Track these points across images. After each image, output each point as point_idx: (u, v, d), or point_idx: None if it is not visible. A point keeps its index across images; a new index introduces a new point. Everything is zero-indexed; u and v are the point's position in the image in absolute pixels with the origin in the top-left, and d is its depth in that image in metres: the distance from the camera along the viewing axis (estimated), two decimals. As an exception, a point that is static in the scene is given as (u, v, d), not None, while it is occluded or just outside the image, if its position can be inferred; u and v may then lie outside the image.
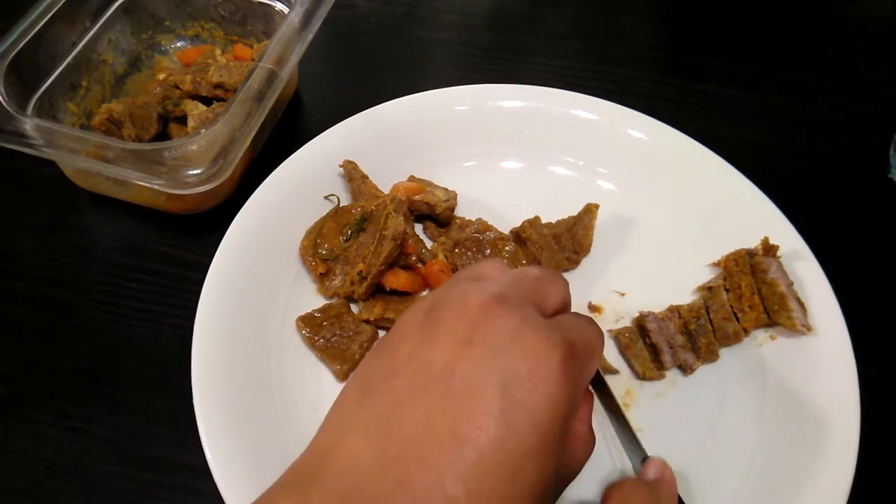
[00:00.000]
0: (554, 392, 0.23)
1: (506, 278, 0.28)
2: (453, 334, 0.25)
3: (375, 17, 0.60)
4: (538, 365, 0.23)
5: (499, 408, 0.23)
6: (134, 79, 0.52)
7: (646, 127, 0.47)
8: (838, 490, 0.33)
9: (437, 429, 0.23)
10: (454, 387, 0.23)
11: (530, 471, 0.23)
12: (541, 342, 0.24)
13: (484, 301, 0.25)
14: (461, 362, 0.24)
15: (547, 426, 0.23)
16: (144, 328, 0.42)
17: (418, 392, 0.24)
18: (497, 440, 0.22)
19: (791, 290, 0.39)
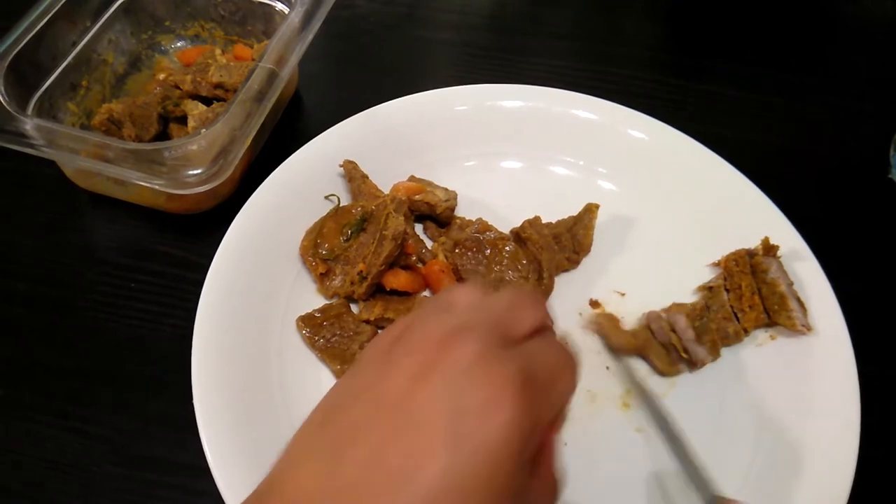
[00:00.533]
0: (507, 423, 0.23)
1: (474, 307, 0.28)
2: (408, 368, 0.24)
3: (375, 17, 0.60)
4: (491, 396, 0.23)
5: (449, 439, 0.22)
6: (134, 79, 0.52)
7: (646, 127, 0.47)
8: (838, 490, 0.33)
9: (386, 461, 0.22)
10: (405, 419, 0.23)
11: (482, 501, 0.22)
12: (495, 373, 0.23)
13: (444, 335, 0.25)
14: (415, 395, 0.23)
15: (499, 459, 0.22)
16: (144, 328, 0.42)
17: (370, 423, 0.24)
18: (447, 472, 0.22)
19: (791, 290, 0.39)
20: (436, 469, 0.22)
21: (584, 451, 0.36)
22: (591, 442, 0.37)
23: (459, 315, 0.26)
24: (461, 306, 0.28)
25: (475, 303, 0.28)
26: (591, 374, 0.39)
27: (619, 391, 0.39)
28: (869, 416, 0.36)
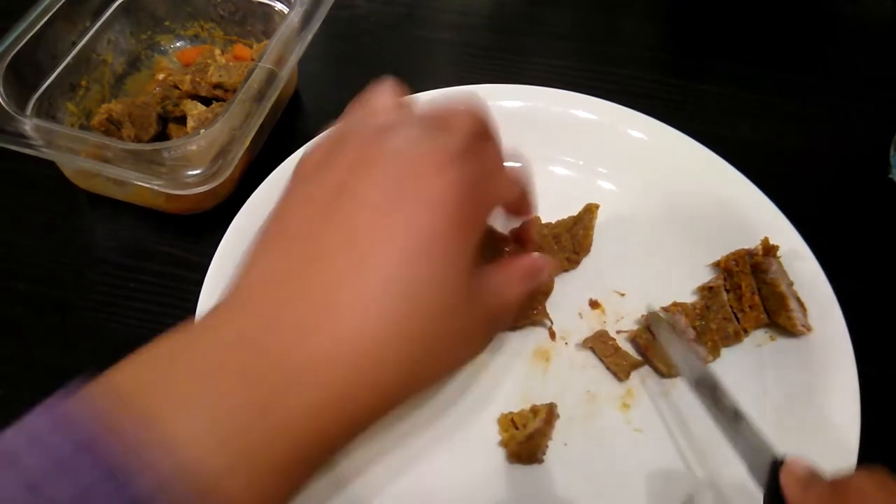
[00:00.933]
0: (442, 190, 0.24)
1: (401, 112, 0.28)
2: (347, 160, 0.25)
3: (375, 17, 0.60)
4: (425, 166, 0.24)
5: (388, 207, 0.24)
6: (133, 79, 0.52)
7: (646, 127, 0.47)
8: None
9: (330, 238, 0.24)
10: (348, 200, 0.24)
11: (425, 270, 0.23)
12: (428, 145, 0.25)
13: (378, 127, 0.26)
14: (353, 178, 0.25)
15: (438, 224, 0.24)
16: (144, 328, 0.42)
17: (315, 214, 0.25)
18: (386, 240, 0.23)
19: (791, 291, 0.39)
20: (376, 241, 0.23)
21: (583, 451, 0.36)
22: (591, 442, 0.37)
23: (388, 115, 0.27)
24: (387, 110, 0.28)
25: (398, 107, 0.29)
26: (590, 375, 0.39)
27: (619, 391, 0.39)
28: (869, 417, 0.35)
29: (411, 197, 0.24)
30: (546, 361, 0.39)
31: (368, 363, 0.23)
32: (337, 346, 0.22)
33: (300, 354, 0.22)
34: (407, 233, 0.23)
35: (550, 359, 0.39)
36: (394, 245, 0.23)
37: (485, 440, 0.37)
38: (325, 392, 0.22)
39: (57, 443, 0.20)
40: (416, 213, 0.24)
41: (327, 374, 0.22)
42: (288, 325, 0.23)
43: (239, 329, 0.23)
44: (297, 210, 0.26)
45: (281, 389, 0.22)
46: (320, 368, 0.22)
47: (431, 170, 0.24)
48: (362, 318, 0.23)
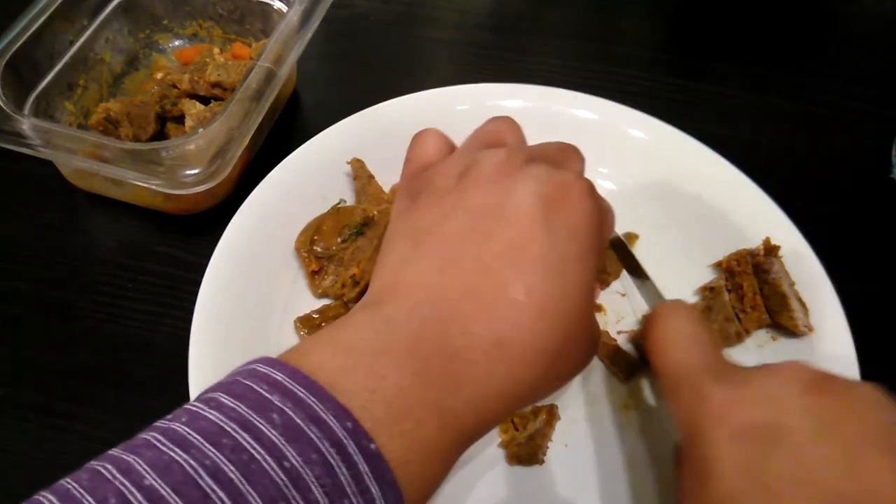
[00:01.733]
0: (587, 213, 0.27)
1: (522, 142, 0.32)
2: (494, 182, 0.28)
3: (375, 16, 0.60)
4: (572, 192, 0.27)
5: (544, 225, 0.26)
6: (132, 78, 0.51)
7: (646, 126, 0.46)
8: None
9: (492, 246, 0.26)
10: (504, 216, 0.26)
11: (574, 274, 0.26)
12: (570, 175, 0.28)
13: (517, 158, 0.28)
14: (507, 199, 0.27)
15: (584, 241, 0.27)
16: (142, 329, 0.41)
17: (471, 225, 0.27)
18: (546, 248, 0.26)
19: (793, 291, 0.39)
20: (537, 248, 0.26)
21: (584, 452, 0.36)
22: (592, 444, 0.37)
23: (518, 147, 0.30)
24: (511, 143, 0.31)
25: (523, 141, 0.32)
26: (592, 375, 0.39)
27: (620, 392, 0.38)
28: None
29: (566, 211, 0.27)
30: (546, 362, 0.39)
31: (532, 355, 0.25)
32: (508, 338, 0.25)
33: (475, 349, 0.24)
34: (566, 238, 0.26)
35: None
36: (555, 248, 0.26)
37: (485, 441, 0.36)
38: (494, 384, 0.25)
39: (305, 397, 0.21)
40: (572, 222, 0.27)
41: (498, 366, 0.25)
42: (466, 321, 0.25)
43: (420, 322, 0.25)
44: (449, 218, 0.27)
45: (455, 384, 0.24)
46: (492, 361, 0.25)
47: (579, 194, 0.27)
48: (530, 312, 0.25)
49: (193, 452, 0.19)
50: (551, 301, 0.25)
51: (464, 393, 0.24)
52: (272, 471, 0.19)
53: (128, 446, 0.20)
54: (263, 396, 0.21)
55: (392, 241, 0.29)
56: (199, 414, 0.21)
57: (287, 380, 0.21)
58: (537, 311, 0.25)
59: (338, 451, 0.20)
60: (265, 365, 0.22)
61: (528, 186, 0.27)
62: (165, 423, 0.21)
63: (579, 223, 0.27)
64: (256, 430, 0.20)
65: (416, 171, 0.32)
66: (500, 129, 0.32)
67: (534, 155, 0.29)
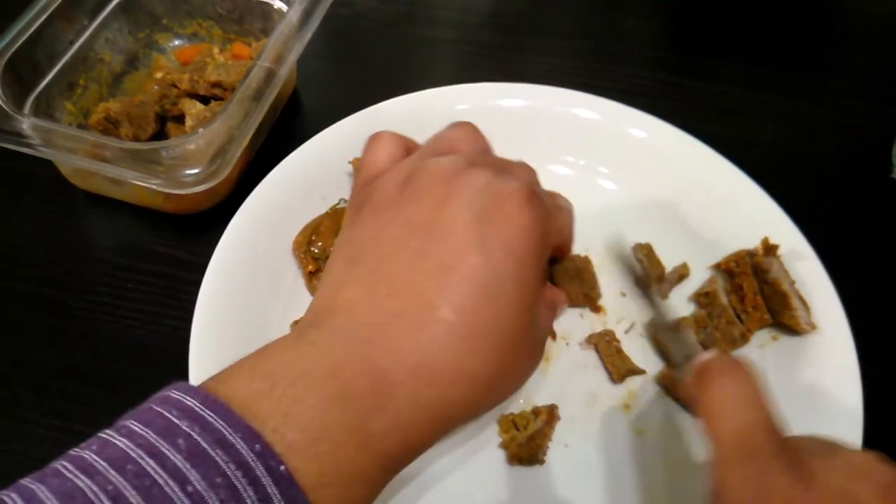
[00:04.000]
0: (525, 224, 0.26)
1: (476, 151, 0.31)
2: (432, 193, 0.27)
3: (375, 16, 0.60)
4: (508, 203, 0.26)
5: (477, 239, 0.25)
6: (131, 77, 0.51)
7: (647, 126, 0.46)
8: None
9: (423, 265, 0.25)
10: (437, 231, 0.26)
11: (510, 294, 0.25)
12: (508, 189, 0.27)
13: (458, 167, 0.28)
14: (442, 212, 0.26)
15: (521, 255, 0.26)
16: (142, 329, 0.41)
17: (404, 241, 0.26)
18: (478, 266, 0.25)
19: (793, 289, 0.39)
20: (469, 266, 0.25)
21: (584, 452, 0.36)
22: (592, 443, 0.37)
23: (465, 155, 0.29)
24: (462, 151, 0.30)
25: (474, 146, 0.31)
26: (592, 375, 0.39)
27: (620, 392, 0.38)
28: (871, 417, 0.35)
29: (501, 225, 0.26)
30: (547, 362, 0.39)
31: (461, 377, 0.25)
32: (435, 360, 0.24)
33: (400, 371, 0.24)
34: (500, 255, 0.25)
35: (551, 359, 0.39)
36: (487, 266, 0.25)
37: (485, 441, 0.36)
38: (421, 406, 0.24)
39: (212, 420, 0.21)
40: (507, 238, 0.26)
41: (424, 389, 0.24)
42: (391, 343, 0.24)
43: (343, 345, 0.24)
44: (385, 233, 0.27)
45: (378, 406, 0.24)
46: (418, 383, 0.24)
47: (516, 204, 0.26)
48: (459, 333, 0.25)
49: (98, 479, 0.19)
50: (482, 322, 0.25)
51: (387, 415, 0.24)
52: (174, 495, 0.19)
53: (36, 475, 0.20)
54: (171, 422, 0.21)
55: (333, 257, 0.29)
56: (109, 441, 0.21)
57: (198, 405, 0.21)
58: (466, 332, 0.25)
59: (244, 474, 0.20)
60: (179, 391, 0.22)
61: (463, 198, 0.26)
62: (77, 451, 0.21)
63: (515, 237, 0.26)
64: (161, 455, 0.20)
65: (366, 179, 0.31)
66: (456, 137, 0.31)
67: (478, 162, 0.28)
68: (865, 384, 0.36)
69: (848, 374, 0.37)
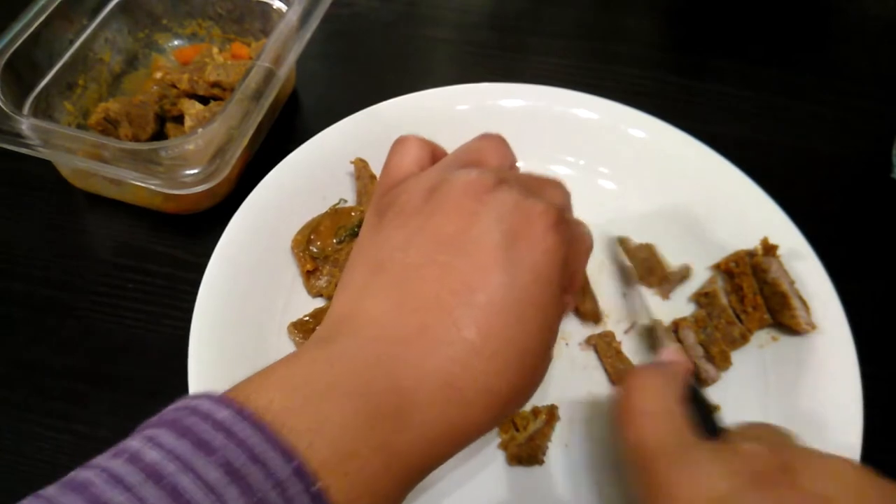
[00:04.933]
0: (550, 250, 0.26)
1: (505, 165, 0.31)
2: (460, 207, 0.27)
3: (374, 15, 0.60)
4: (536, 225, 0.26)
5: (503, 262, 0.25)
6: (131, 78, 0.51)
7: (647, 126, 0.46)
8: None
9: (450, 282, 0.25)
10: (465, 248, 0.26)
11: (532, 317, 0.25)
12: (537, 210, 0.27)
13: (488, 182, 0.27)
14: (470, 228, 0.26)
15: (545, 279, 0.26)
16: (141, 329, 0.41)
17: (431, 255, 0.26)
18: (504, 288, 0.25)
19: (793, 289, 0.39)
20: (494, 286, 0.25)
21: (584, 453, 0.36)
22: (592, 444, 0.37)
23: (495, 170, 0.29)
24: (491, 165, 0.30)
25: (504, 162, 0.31)
26: (592, 376, 0.39)
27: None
28: (871, 416, 0.35)
29: (528, 247, 0.26)
30: (546, 362, 0.39)
31: (483, 396, 0.25)
32: (459, 379, 0.24)
33: (426, 390, 0.24)
34: (526, 278, 0.25)
35: (551, 359, 0.39)
36: (513, 289, 0.25)
37: (485, 442, 0.36)
38: (444, 424, 0.24)
39: (249, 436, 0.21)
40: (533, 261, 0.26)
41: (449, 407, 0.24)
42: (417, 360, 0.24)
43: (369, 360, 0.24)
44: (412, 244, 0.27)
45: (404, 424, 0.24)
46: (443, 402, 0.24)
47: (544, 227, 0.26)
48: (483, 354, 0.25)
49: (134, 492, 0.19)
50: (505, 344, 0.25)
51: (412, 433, 0.24)
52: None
53: (66, 485, 0.20)
54: (205, 435, 0.21)
55: (355, 263, 0.29)
56: (140, 453, 0.20)
57: (230, 418, 0.21)
58: (490, 353, 0.25)
59: (280, 493, 0.20)
60: (211, 401, 0.22)
61: (492, 216, 0.26)
62: (105, 461, 0.21)
63: (541, 260, 0.26)
64: (196, 470, 0.20)
65: (390, 183, 0.30)
66: (484, 148, 0.31)
67: (508, 178, 0.28)
68: (865, 384, 0.36)
69: (848, 374, 0.37)
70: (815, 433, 0.35)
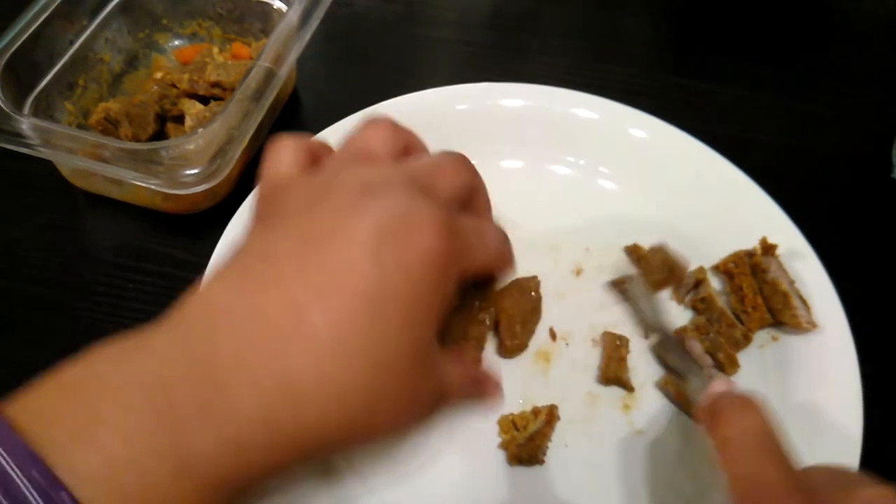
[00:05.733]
0: (427, 251, 0.23)
1: (395, 153, 0.28)
2: (340, 205, 0.24)
3: (375, 15, 0.60)
4: (417, 229, 0.24)
5: (373, 255, 0.23)
6: (131, 78, 0.51)
7: (647, 125, 0.46)
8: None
9: (310, 272, 0.23)
10: (333, 242, 0.23)
11: (400, 320, 0.23)
12: (425, 207, 0.24)
13: (373, 181, 0.25)
14: (342, 224, 0.24)
15: (417, 280, 0.23)
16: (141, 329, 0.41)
17: (300, 249, 0.23)
18: (365, 278, 0.22)
19: (793, 289, 0.39)
20: (355, 276, 0.22)
21: (584, 453, 0.36)
22: (592, 444, 0.37)
23: (383, 165, 0.27)
24: (382, 160, 0.28)
25: (395, 156, 0.28)
26: (592, 375, 0.39)
27: (620, 393, 0.38)
28: (871, 416, 0.35)
29: (405, 248, 0.23)
30: (546, 362, 0.39)
31: (322, 394, 0.22)
32: (293, 373, 0.22)
33: (243, 382, 0.21)
34: (393, 275, 0.23)
35: (551, 360, 0.39)
36: (375, 281, 0.23)
37: (485, 442, 0.36)
38: (265, 424, 0.21)
39: None
40: (407, 260, 0.23)
41: (272, 403, 0.21)
42: (241, 347, 0.22)
43: (181, 348, 0.22)
44: (279, 240, 0.25)
45: (206, 422, 0.21)
46: (265, 396, 0.21)
47: (426, 232, 0.24)
48: (326, 344, 0.22)
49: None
50: (360, 343, 0.22)
51: (218, 433, 0.21)
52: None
53: None
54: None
55: (225, 263, 0.26)
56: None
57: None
58: (339, 350, 0.22)
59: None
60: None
61: (371, 217, 0.24)
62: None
63: (417, 261, 0.23)
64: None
65: (269, 187, 0.28)
66: (371, 138, 0.28)
67: (395, 176, 0.26)
68: (865, 384, 0.36)
69: (848, 373, 0.37)
70: (815, 433, 0.35)
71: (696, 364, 0.35)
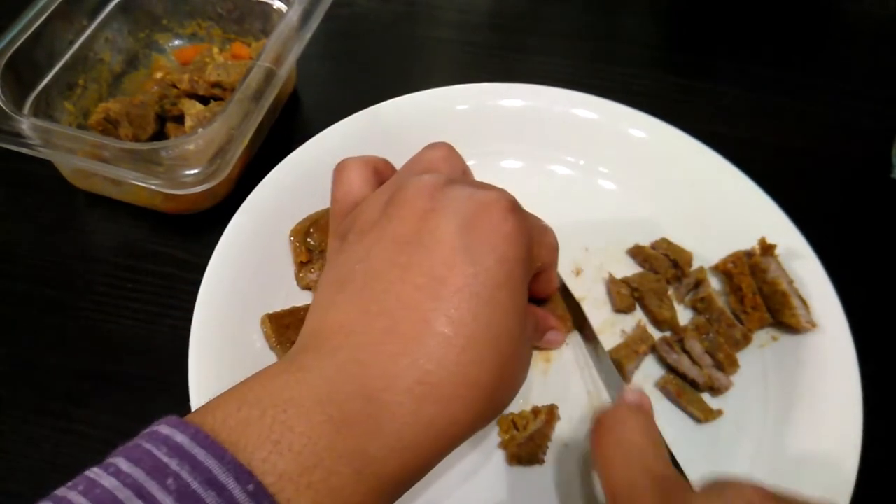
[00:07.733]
0: (511, 232, 0.26)
1: (454, 171, 0.32)
2: (414, 209, 0.27)
3: (375, 16, 0.60)
4: (492, 211, 0.26)
5: (465, 248, 0.25)
6: (131, 78, 0.51)
7: (647, 126, 0.46)
8: (841, 491, 0.33)
9: (413, 279, 0.25)
10: (423, 244, 0.26)
11: (504, 300, 0.25)
12: (491, 195, 0.27)
13: (439, 181, 0.28)
14: (426, 224, 0.26)
15: (510, 262, 0.26)
16: (142, 329, 0.41)
17: (391, 258, 0.26)
18: (469, 276, 0.25)
19: (793, 288, 0.39)
20: (460, 276, 0.25)
21: (585, 453, 0.36)
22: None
23: (445, 174, 0.30)
24: (442, 169, 0.31)
25: (453, 168, 0.32)
26: (592, 375, 0.39)
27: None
28: (871, 415, 0.35)
29: (488, 233, 0.26)
30: (546, 362, 0.39)
31: (463, 389, 0.24)
32: (433, 376, 0.24)
33: (397, 390, 0.24)
34: (489, 262, 0.25)
35: (551, 359, 0.39)
36: (478, 275, 0.25)
37: (485, 441, 0.36)
38: (421, 425, 0.24)
39: (204, 459, 0.20)
40: (495, 245, 0.26)
41: (424, 406, 0.24)
42: (386, 361, 0.24)
43: (336, 368, 0.24)
44: (371, 253, 0.27)
45: (375, 429, 0.23)
46: (417, 401, 0.24)
47: (498, 214, 0.26)
48: (457, 345, 0.24)
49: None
50: (479, 331, 0.24)
51: (385, 438, 0.23)
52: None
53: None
54: (160, 461, 0.20)
55: (321, 285, 0.28)
56: (96, 482, 0.20)
57: (187, 441, 0.21)
58: (464, 342, 0.24)
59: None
60: (169, 426, 0.22)
61: (447, 210, 0.26)
62: (63, 492, 0.20)
63: (502, 244, 0.26)
64: (150, 496, 0.19)
65: (344, 209, 0.31)
66: (434, 157, 0.31)
67: (458, 179, 0.29)
68: (865, 384, 0.36)
69: (848, 373, 0.37)
70: (814, 433, 0.35)
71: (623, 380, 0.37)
